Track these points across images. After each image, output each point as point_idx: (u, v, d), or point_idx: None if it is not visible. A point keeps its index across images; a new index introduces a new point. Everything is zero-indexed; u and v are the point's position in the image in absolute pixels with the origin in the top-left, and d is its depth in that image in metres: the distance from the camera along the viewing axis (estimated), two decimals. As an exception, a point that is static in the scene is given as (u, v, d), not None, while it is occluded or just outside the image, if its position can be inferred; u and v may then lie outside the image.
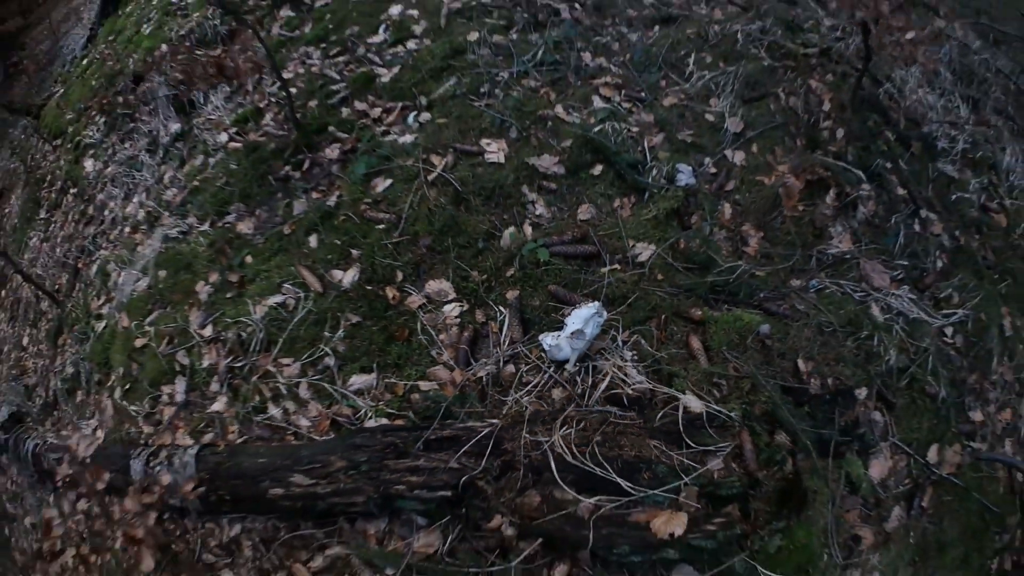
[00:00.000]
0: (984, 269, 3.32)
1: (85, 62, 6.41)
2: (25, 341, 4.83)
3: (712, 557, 1.89)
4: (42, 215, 5.35)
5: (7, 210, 6.52)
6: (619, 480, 1.88)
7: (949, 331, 2.91)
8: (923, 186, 3.47)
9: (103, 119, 4.99)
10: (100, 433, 3.04)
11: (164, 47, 4.84)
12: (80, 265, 4.42)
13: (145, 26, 5.54)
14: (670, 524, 1.83)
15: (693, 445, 2.00)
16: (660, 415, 2.06)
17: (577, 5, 4.15)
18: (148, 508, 2.31)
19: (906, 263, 3.07)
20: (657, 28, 4.06)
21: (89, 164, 4.85)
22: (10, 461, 3.91)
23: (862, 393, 2.49)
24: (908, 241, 3.14)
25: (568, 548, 1.89)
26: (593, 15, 4.12)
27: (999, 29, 5.20)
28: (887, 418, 2.52)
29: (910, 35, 3.27)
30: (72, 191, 4.97)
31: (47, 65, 8.49)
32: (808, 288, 2.78)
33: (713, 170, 3.15)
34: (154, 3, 5.84)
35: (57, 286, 4.53)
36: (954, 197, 3.55)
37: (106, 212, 4.41)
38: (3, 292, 5.69)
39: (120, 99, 4.73)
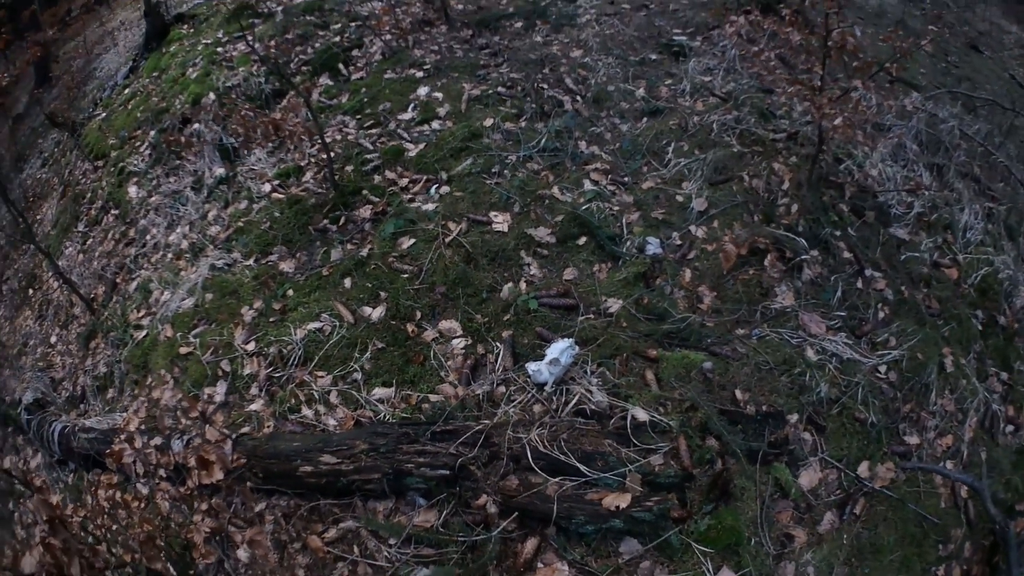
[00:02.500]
0: (927, 317, 3.89)
1: (127, 91, 7.29)
2: (53, 339, 5.54)
3: (652, 530, 2.65)
4: (80, 228, 6.13)
5: (39, 217, 7.28)
6: (579, 465, 2.73)
7: (883, 369, 3.51)
8: (871, 249, 4.11)
9: (149, 151, 5.85)
10: (138, 420, 3.75)
11: (212, 96, 5.76)
12: (119, 280, 5.19)
13: (191, 70, 6.45)
14: (617, 500, 2.62)
15: (638, 443, 2.87)
16: (613, 421, 2.94)
17: (578, 98, 5.12)
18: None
19: (843, 314, 3.71)
20: (645, 120, 4.96)
21: (133, 191, 5.67)
22: (29, 441, 4.59)
23: (793, 417, 3.17)
24: (847, 296, 3.79)
25: (538, 525, 2.67)
26: (592, 107, 5.07)
27: (975, 96, 5.95)
28: (816, 438, 3.18)
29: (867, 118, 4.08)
30: (114, 212, 5.78)
31: (82, 83, 9.35)
32: (751, 336, 3.49)
33: (679, 242, 3.98)
34: (199, 49, 6.78)
35: (93, 295, 5.28)
36: (903, 257, 4.16)
37: (148, 237, 5.21)
38: (31, 292, 6.43)
39: (168, 137, 5.59)
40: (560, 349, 3.09)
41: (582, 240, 3.88)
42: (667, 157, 4.55)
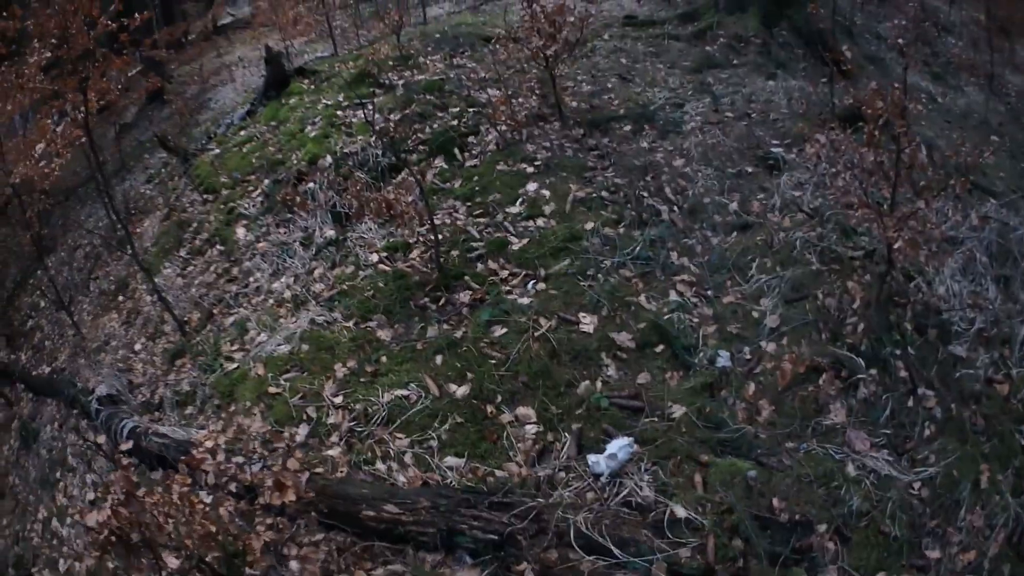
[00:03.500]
0: (971, 434, 4.08)
1: (243, 134, 8.46)
2: (137, 347, 6.41)
3: None
4: (182, 254, 7.14)
5: (138, 231, 8.37)
6: (612, 547, 3.30)
7: (916, 485, 3.80)
8: (928, 368, 4.36)
9: (262, 198, 6.87)
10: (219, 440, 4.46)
11: (329, 159, 6.76)
12: (215, 311, 6.09)
13: (309, 128, 7.54)
14: None
15: (671, 536, 3.43)
16: (654, 514, 3.53)
17: (675, 208, 5.84)
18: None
19: (889, 432, 4.06)
20: (735, 234, 5.55)
21: (241, 232, 6.66)
22: (95, 428, 5.35)
23: (822, 527, 3.54)
24: (896, 414, 4.12)
25: None
26: (687, 218, 5.74)
27: None
28: (840, 548, 3.52)
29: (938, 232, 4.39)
30: (219, 247, 6.77)
31: (195, 111, 10.74)
32: (799, 449, 3.95)
33: (748, 356, 4.54)
34: (319, 108, 7.89)
35: (187, 319, 6.17)
36: (958, 374, 4.37)
37: (251, 279, 6.13)
38: (121, 298, 7.43)
39: (284, 191, 6.57)
40: (619, 446, 3.77)
41: (659, 348, 4.52)
42: (750, 272, 5.15)
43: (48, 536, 5.53)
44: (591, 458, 3.80)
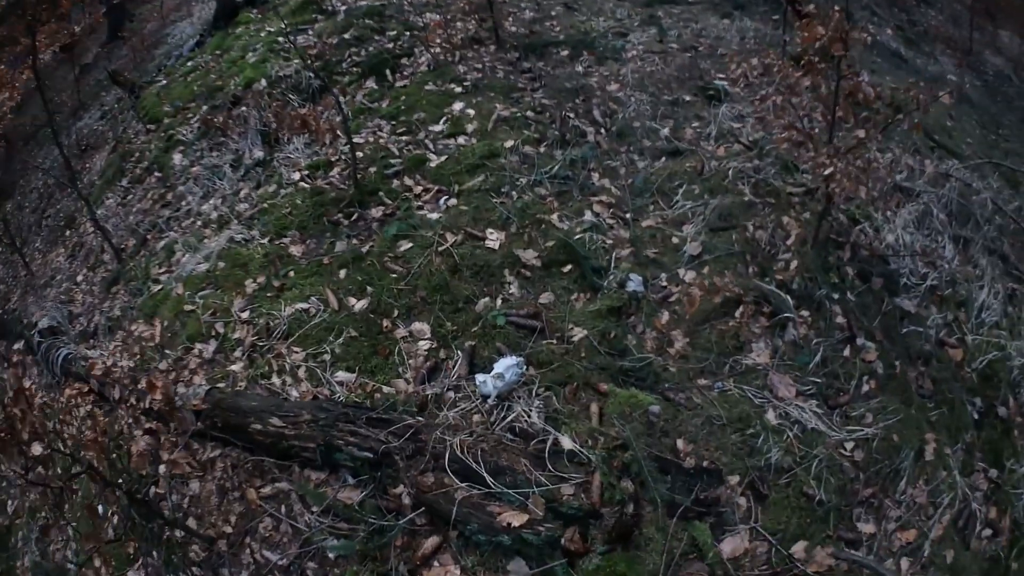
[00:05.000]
0: (917, 397, 3.85)
1: (190, 64, 8.25)
2: (79, 279, 6.39)
3: (539, 555, 2.90)
4: (123, 183, 7.03)
5: (87, 165, 8.25)
6: (486, 475, 3.11)
7: (849, 445, 3.45)
8: (870, 318, 4.12)
9: (198, 124, 6.70)
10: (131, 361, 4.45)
11: (263, 82, 6.57)
12: (149, 237, 6.00)
13: (251, 55, 7.32)
14: (512, 517, 2.92)
15: (553, 470, 3.22)
16: (535, 441, 3.33)
17: (603, 130, 5.67)
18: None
19: (820, 381, 3.72)
20: (663, 159, 5.37)
21: (177, 158, 6.53)
22: (37, 362, 5.31)
23: (733, 479, 3.22)
24: (829, 363, 3.81)
25: (442, 524, 3.10)
26: (614, 141, 5.58)
27: (1020, 170, 6.02)
28: (753, 505, 3.18)
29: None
30: (157, 174, 6.64)
31: (152, 47, 10.46)
32: (713, 388, 3.66)
33: (664, 284, 4.33)
34: (262, 36, 7.68)
35: (124, 246, 6.10)
36: (905, 330, 4.16)
37: (183, 203, 6.02)
38: (68, 232, 7.36)
39: (217, 115, 6.41)
40: (506, 365, 3.57)
41: (567, 268, 4.36)
42: (675, 199, 4.93)
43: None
44: (478, 378, 3.60)
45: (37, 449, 2.94)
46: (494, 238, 4.49)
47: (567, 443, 3.31)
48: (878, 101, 4.19)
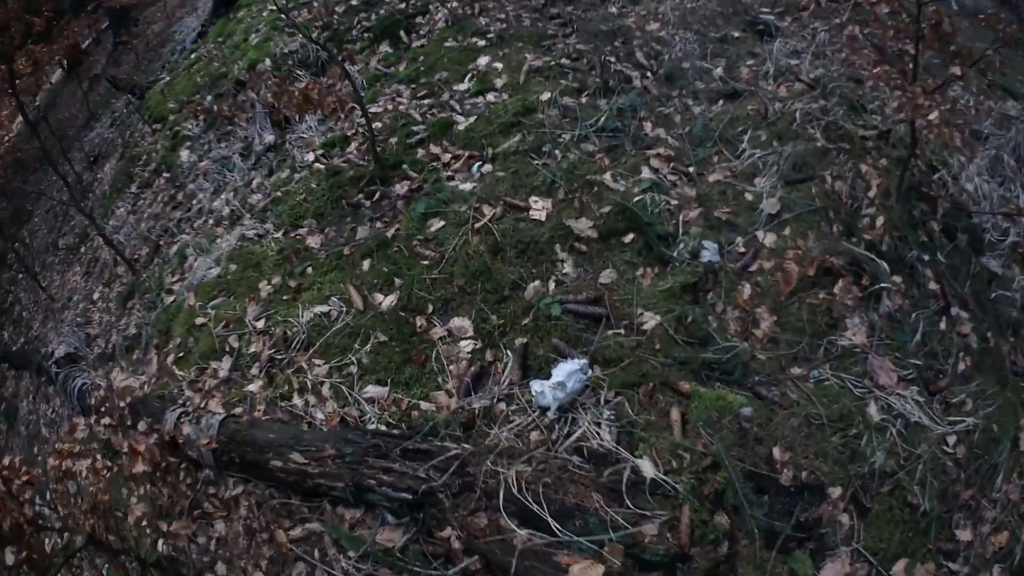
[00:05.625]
0: (1011, 376, 3.40)
1: (193, 56, 7.67)
2: (96, 296, 5.95)
3: None
4: (133, 190, 6.52)
5: (99, 176, 7.81)
6: (551, 521, 2.47)
7: (952, 440, 3.01)
8: (960, 282, 3.66)
9: (204, 116, 6.09)
10: (147, 387, 3.89)
11: (268, 62, 5.91)
12: (161, 243, 5.45)
13: (253, 36, 6.70)
14: (586, 572, 2.36)
15: (632, 506, 2.53)
16: (609, 471, 2.62)
17: (649, 74, 4.87)
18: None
19: (920, 363, 3.22)
20: (721, 103, 4.63)
21: (185, 155, 5.94)
22: (56, 393, 4.89)
23: (835, 492, 2.72)
24: (927, 339, 3.31)
25: (500, 573, 2.48)
26: (663, 85, 4.79)
27: None
28: (856, 523, 2.73)
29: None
30: (165, 175, 6.08)
31: (157, 47, 9.97)
32: (808, 378, 3.07)
33: (742, 249, 3.60)
34: (264, 15, 7.04)
35: (136, 256, 5.58)
36: (993, 295, 3.74)
37: (194, 202, 5.44)
38: (83, 248, 6.91)
39: (222, 102, 5.79)
40: (568, 372, 2.84)
41: (628, 237, 3.60)
42: (741, 147, 4.20)
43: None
44: (535, 387, 2.89)
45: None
46: (539, 207, 3.75)
47: (648, 470, 2.63)
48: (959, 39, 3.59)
